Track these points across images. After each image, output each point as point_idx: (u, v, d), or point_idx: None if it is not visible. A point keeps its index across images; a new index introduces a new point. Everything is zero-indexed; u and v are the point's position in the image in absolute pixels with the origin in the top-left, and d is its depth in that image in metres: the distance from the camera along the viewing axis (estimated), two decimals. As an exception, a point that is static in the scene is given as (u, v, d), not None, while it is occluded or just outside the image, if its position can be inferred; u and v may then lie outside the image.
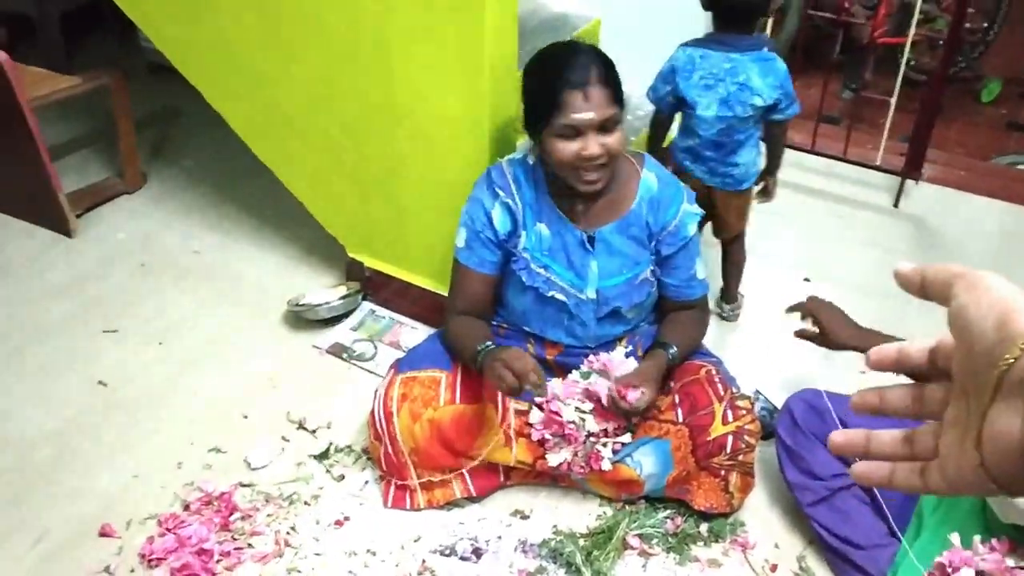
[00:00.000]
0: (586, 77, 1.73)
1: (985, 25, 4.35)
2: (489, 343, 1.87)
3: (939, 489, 0.55)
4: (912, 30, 2.98)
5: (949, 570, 1.43)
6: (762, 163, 2.38)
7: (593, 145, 1.75)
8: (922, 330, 2.49)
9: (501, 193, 1.91)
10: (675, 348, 1.92)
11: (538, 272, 1.93)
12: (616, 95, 1.77)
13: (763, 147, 2.36)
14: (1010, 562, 1.48)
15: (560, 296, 1.94)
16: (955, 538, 1.54)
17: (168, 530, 1.94)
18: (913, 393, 0.58)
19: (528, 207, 1.92)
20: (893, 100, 3.00)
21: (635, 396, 1.79)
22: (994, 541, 1.52)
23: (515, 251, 1.94)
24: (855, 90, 3.43)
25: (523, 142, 2.10)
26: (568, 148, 1.76)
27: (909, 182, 3.07)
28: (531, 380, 1.71)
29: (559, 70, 1.76)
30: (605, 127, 1.76)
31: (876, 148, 3.13)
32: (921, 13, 3.99)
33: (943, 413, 0.55)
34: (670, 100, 2.27)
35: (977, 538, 1.53)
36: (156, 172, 3.25)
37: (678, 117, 2.34)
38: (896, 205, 3.08)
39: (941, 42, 3.06)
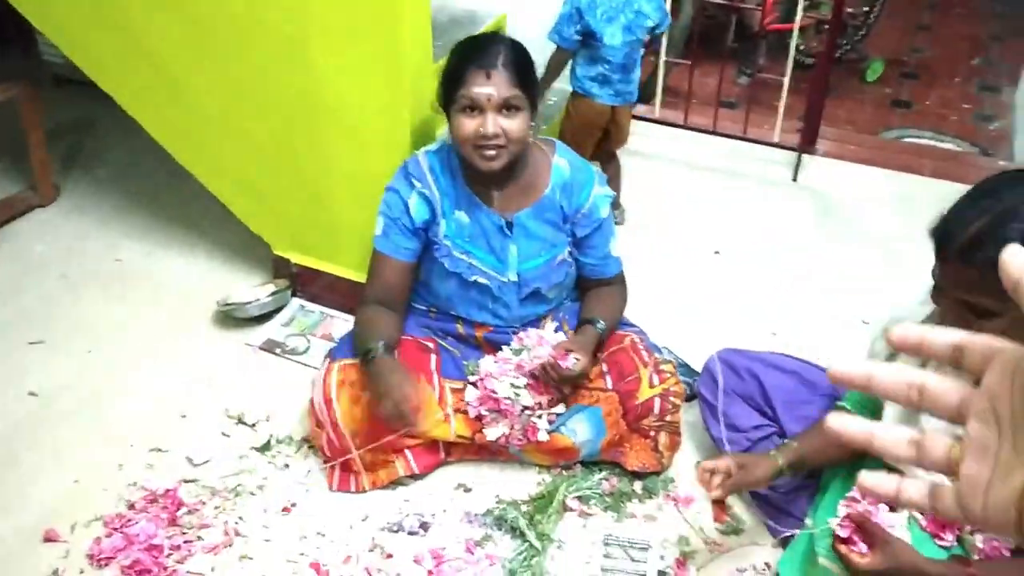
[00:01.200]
0: (492, 59, 1.85)
1: (866, 9, 4.61)
2: (381, 343, 1.93)
3: (948, 515, 0.52)
4: (799, 16, 3.16)
5: (844, 530, 1.55)
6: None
7: (491, 124, 1.84)
8: (817, 299, 2.67)
9: (418, 184, 1.99)
10: (602, 322, 2.02)
11: (460, 258, 2.01)
12: (522, 81, 1.87)
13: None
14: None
15: (483, 280, 2.03)
16: (863, 475, 1.68)
17: (115, 529, 1.95)
18: (949, 367, 0.53)
19: (445, 196, 2.00)
20: (786, 81, 3.18)
21: (570, 362, 1.88)
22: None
23: (436, 239, 2.01)
24: (750, 75, 3.61)
25: (443, 132, 2.18)
26: (469, 124, 1.86)
27: (805, 157, 3.26)
28: (403, 416, 1.83)
29: (469, 52, 1.89)
30: (507, 109, 1.86)
31: (773, 128, 3.31)
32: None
33: (961, 416, 0.51)
34: (577, 37, 2.63)
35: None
36: (70, 184, 3.22)
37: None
38: (795, 179, 3.27)
39: (826, 26, 3.25)
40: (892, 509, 1.61)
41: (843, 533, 1.53)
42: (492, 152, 1.87)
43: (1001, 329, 1.32)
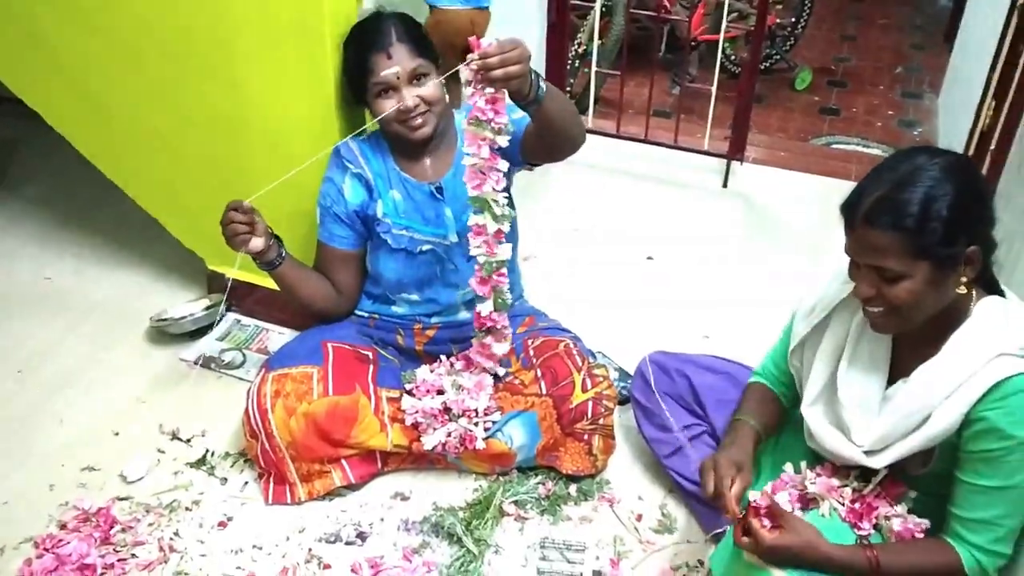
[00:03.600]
0: (387, 39, 1.93)
1: (793, 20, 4.74)
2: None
3: None
4: (724, 26, 3.24)
5: (761, 501, 1.60)
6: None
7: (408, 97, 1.94)
8: (747, 302, 2.72)
9: (350, 166, 2.07)
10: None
11: (401, 234, 2.07)
12: (420, 49, 1.97)
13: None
14: (835, 482, 1.67)
15: (427, 247, 2.09)
16: (788, 467, 1.73)
17: (46, 550, 1.92)
18: None
19: (378, 176, 2.07)
20: (713, 90, 3.25)
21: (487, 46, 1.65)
22: (819, 467, 1.71)
23: (377, 217, 2.07)
24: (681, 85, 3.69)
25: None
26: (388, 104, 1.95)
27: (735, 163, 3.33)
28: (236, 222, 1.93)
29: (362, 38, 1.97)
30: (416, 79, 1.95)
31: (703, 136, 3.38)
32: (735, 11, 4.33)
33: None
34: None
35: (804, 464, 1.72)
36: (-3, 203, 3.16)
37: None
38: (725, 185, 3.34)
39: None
40: (804, 508, 1.67)
41: (762, 501, 1.57)
42: (419, 120, 1.97)
43: (911, 291, 1.41)
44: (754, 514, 1.56)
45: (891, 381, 1.59)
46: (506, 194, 1.94)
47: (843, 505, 1.66)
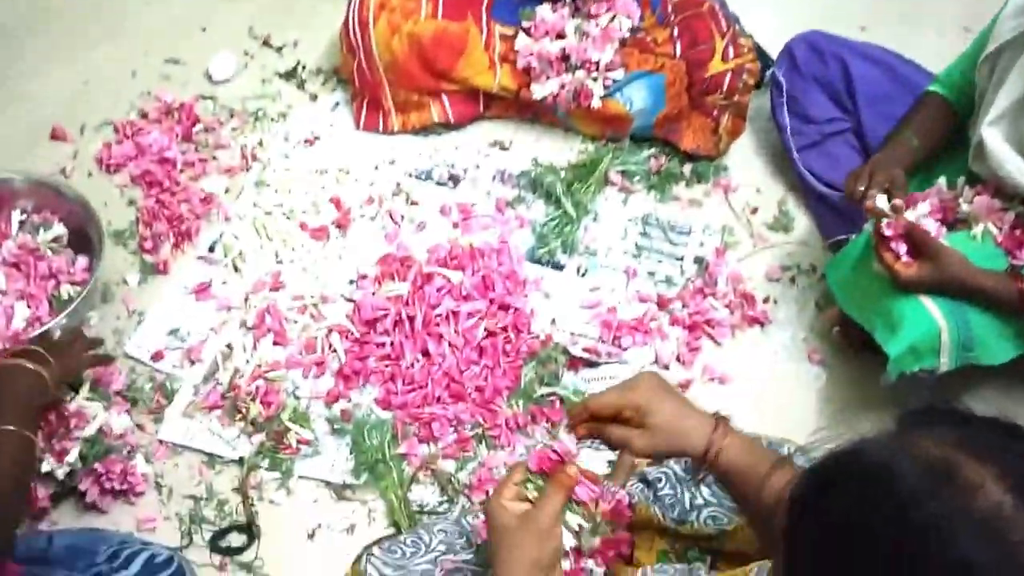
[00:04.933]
0: None
1: None
2: None
3: None
4: None
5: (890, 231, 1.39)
6: None
7: None
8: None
9: None
10: None
11: None
12: None
13: None
14: (997, 203, 1.46)
15: None
16: (942, 180, 1.51)
17: (126, 136, 1.83)
18: None
19: None
20: None
21: None
22: (979, 187, 1.49)
23: None
24: None
25: None
26: None
27: None
28: None
29: None
30: None
31: None
32: None
33: None
34: None
35: (961, 180, 1.50)
36: None
37: None
38: None
39: None
40: (951, 227, 1.46)
41: (887, 231, 1.38)
42: None
43: None
44: (884, 242, 1.37)
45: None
46: None
47: (1001, 230, 1.45)
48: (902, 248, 1.38)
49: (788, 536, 0.57)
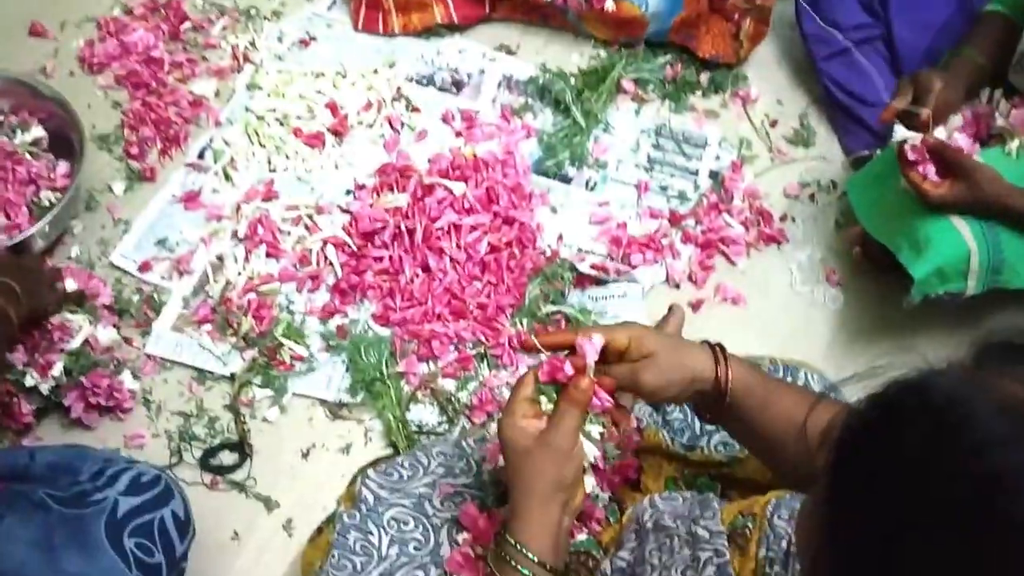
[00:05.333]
0: None
1: None
2: None
3: None
4: None
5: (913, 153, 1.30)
6: None
7: None
8: None
9: None
10: None
11: None
12: None
13: None
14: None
15: None
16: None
17: (109, 34, 1.72)
18: None
19: None
20: None
21: None
22: (1015, 98, 1.39)
23: None
24: None
25: None
26: None
27: None
28: None
29: None
30: None
31: None
32: None
33: None
34: None
35: (999, 92, 1.40)
36: None
37: None
38: None
39: None
40: (983, 142, 1.37)
41: (911, 156, 1.29)
42: None
43: None
44: (906, 161, 1.28)
45: None
46: None
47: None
48: (931, 169, 1.30)
49: (834, 471, 0.51)
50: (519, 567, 0.83)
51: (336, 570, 1.01)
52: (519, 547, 0.83)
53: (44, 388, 1.29)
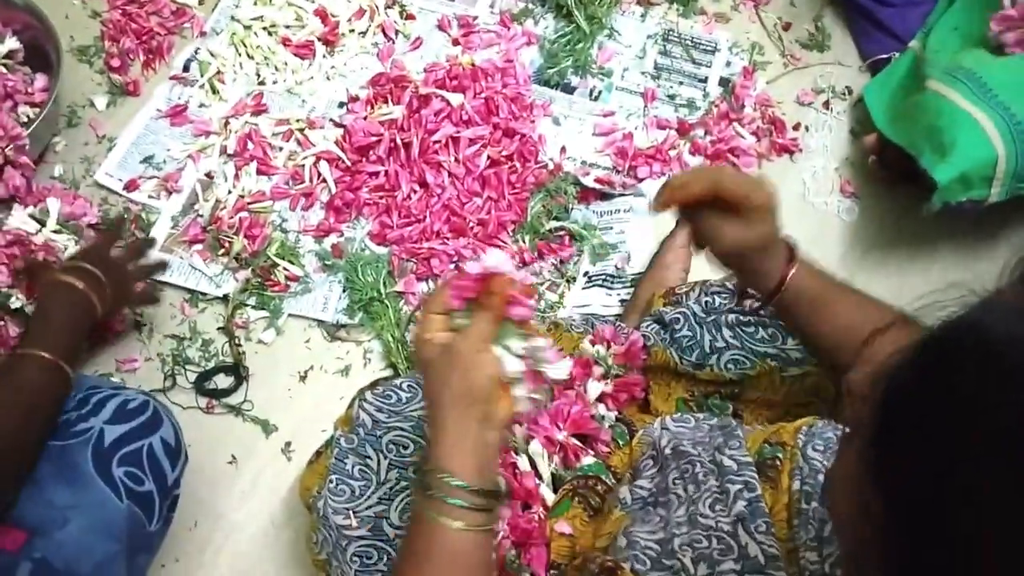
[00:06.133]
0: None
1: None
2: None
3: None
4: None
5: None
6: None
7: None
8: None
9: None
10: None
11: None
12: None
13: None
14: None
15: None
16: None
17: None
18: None
19: None
20: None
21: None
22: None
23: None
24: None
25: None
26: None
27: None
28: None
29: None
30: None
31: None
32: None
33: None
34: None
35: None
36: None
37: None
38: None
39: None
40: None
41: None
42: None
43: None
44: None
45: None
46: None
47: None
48: None
49: (883, 410, 0.46)
50: (445, 498, 0.73)
51: (334, 495, 0.97)
52: (441, 476, 0.74)
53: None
